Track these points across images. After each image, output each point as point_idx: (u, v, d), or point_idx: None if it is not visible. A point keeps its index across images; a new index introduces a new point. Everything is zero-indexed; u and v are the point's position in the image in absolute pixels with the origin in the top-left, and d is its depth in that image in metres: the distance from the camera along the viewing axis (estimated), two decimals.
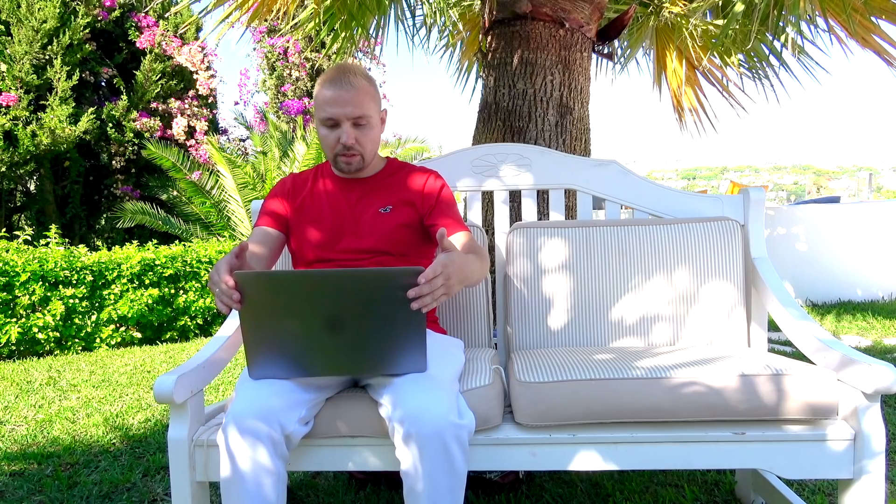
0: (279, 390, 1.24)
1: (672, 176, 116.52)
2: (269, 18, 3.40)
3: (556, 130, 2.32)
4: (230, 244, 5.45)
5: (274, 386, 1.24)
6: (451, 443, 1.19)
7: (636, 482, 1.87)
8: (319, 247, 1.53)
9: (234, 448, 1.19)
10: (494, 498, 1.78)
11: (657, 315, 1.68)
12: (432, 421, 1.18)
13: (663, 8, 3.36)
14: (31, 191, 7.91)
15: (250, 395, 1.22)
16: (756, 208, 1.72)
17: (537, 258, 1.74)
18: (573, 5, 2.34)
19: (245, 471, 1.18)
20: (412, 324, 1.18)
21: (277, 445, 1.20)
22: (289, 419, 1.22)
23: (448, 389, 1.25)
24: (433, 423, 1.18)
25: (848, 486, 1.25)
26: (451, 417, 1.20)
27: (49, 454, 2.24)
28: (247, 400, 1.21)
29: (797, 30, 2.87)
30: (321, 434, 1.31)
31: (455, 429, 1.20)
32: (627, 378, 1.29)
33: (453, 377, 1.32)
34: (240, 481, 1.18)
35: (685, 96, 3.96)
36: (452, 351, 1.45)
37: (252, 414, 1.19)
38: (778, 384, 1.26)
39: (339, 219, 1.53)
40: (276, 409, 1.20)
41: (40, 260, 4.34)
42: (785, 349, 3.52)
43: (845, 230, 5.44)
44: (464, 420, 1.23)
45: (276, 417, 1.20)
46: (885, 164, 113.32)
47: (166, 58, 7.95)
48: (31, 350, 4.32)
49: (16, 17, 6.94)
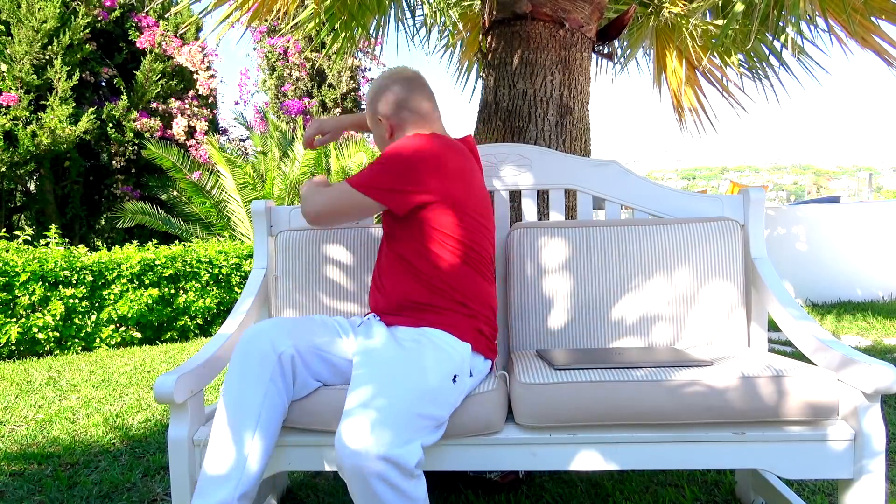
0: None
1: (672, 176, 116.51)
2: (270, 18, 3.40)
3: (556, 130, 2.32)
4: (230, 244, 5.45)
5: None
6: (373, 482, 1.12)
7: (636, 482, 1.87)
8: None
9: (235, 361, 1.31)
10: (494, 498, 1.78)
11: (657, 315, 1.68)
12: (351, 457, 1.12)
13: (663, 8, 3.36)
14: (31, 191, 7.91)
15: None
16: (756, 208, 1.72)
17: (537, 258, 1.74)
18: (573, 5, 2.35)
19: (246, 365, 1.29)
20: None
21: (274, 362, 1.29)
22: (282, 342, 1.31)
23: (387, 417, 1.16)
24: (352, 459, 1.12)
25: (848, 486, 1.25)
26: (375, 452, 1.12)
27: (49, 454, 2.24)
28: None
29: (797, 30, 2.87)
30: (319, 431, 1.31)
31: (378, 465, 1.12)
32: (628, 381, 1.29)
33: (410, 399, 1.21)
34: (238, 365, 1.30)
35: (685, 96, 3.96)
36: (427, 364, 1.29)
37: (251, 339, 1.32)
38: (778, 385, 1.26)
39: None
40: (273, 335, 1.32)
41: (40, 260, 4.34)
42: (785, 349, 3.52)
43: (845, 230, 5.44)
44: (399, 452, 1.14)
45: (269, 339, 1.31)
46: (885, 164, 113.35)
47: (166, 58, 7.95)
48: (31, 350, 4.32)
49: (16, 17, 6.94)
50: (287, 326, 1.35)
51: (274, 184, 7.02)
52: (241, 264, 5.26)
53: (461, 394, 1.32)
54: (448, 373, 1.30)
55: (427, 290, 1.43)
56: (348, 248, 1.80)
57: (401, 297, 1.46)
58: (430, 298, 1.43)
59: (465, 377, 1.35)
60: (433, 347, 1.34)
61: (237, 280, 5.23)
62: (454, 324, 1.41)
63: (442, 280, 1.43)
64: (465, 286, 1.44)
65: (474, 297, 1.46)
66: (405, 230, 1.46)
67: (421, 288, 1.44)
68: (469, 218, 1.45)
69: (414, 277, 1.45)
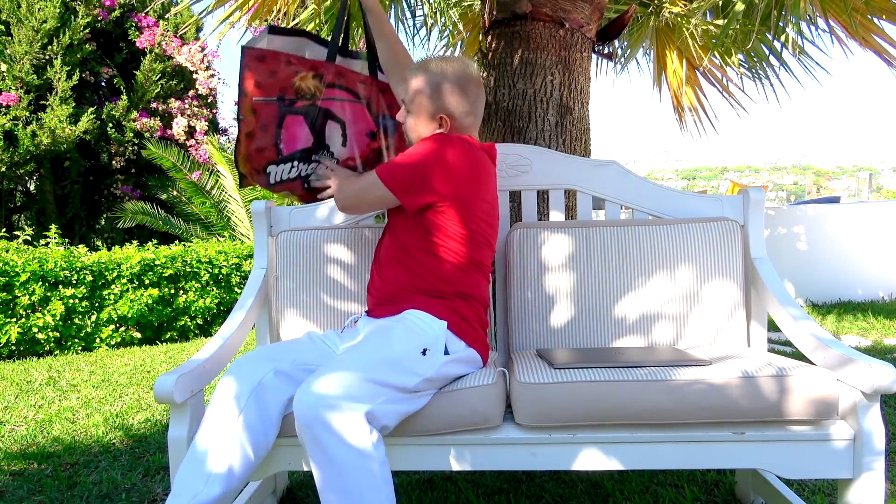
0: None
1: (672, 176, 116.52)
2: (270, 19, 3.40)
3: (556, 130, 2.32)
4: (230, 244, 5.45)
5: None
6: (318, 429, 1.14)
7: (636, 482, 1.87)
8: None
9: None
10: (494, 498, 1.78)
11: (657, 315, 1.68)
12: (300, 406, 1.16)
13: (663, 8, 3.36)
14: (31, 191, 7.91)
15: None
16: (756, 208, 1.72)
17: (537, 258, 1.74)
18: (573, 5, 2.35)
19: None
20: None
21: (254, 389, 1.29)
22: (265, 369, 1.31)
23: (342, 378, 1.18)
24: (301, 408, 1.16)
25: (848, 485, 1.26)
26: (326, 400, 1.14)
27: (49, 454, 2.24)
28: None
29: (797, 30, 2.87)
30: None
31: (321, 406, 1.13)
32: (628, 381, 1.29)
33: (367, 365, 1.23)
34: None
35: (685, 96, 3.96)
36: (393, 336, 1.33)
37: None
38: (779, 384, 1.26)
39: None
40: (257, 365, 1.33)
41: (40, 260, 4.34)
42: (785, 349, 3.52)
43: (845, 230, 5.45)
44: (345, 403, 1.15)
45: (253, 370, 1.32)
46: (885, 164, 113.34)
47: (166, 58, 7.95)
48: (31, 350, 4.32)
49: (16, 17, 6.94)
50: (268, 352, 1.38)
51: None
52: (241, 264, 5.26)
53: (436, 368, 1.33)
54: (416, 345, 1.33)
55: (420, 282, 1.48)
56: (348, 248, 1.80)
57: (395, 286, 1.50)
58: (420, 289, 1.48)
59: (438, 353, 1.36)
60: (404, 324, 1.39)
61: (237, 280, 5.23)
62: (432, 304, 1.45)
63: (436, 275, 1.47)
64: (459, 281, 1.48)
65: (466, 289, 1.49)
66: (412, 225, 1.50)
67: (416, 280, 1.48)
68: (474, 220, 1.49)
69: (410, 270, 1.49)
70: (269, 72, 1.60)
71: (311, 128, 1.70)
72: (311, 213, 1.89)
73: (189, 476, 1.22)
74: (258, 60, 1.59)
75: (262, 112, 1.62)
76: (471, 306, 1.49)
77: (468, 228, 1.47)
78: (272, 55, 1.60)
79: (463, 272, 1.48)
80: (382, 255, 1.57)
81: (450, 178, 1.44)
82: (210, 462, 1.22)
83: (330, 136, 1.74)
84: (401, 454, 1.32)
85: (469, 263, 1.49)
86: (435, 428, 1.31)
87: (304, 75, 1.65)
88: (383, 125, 1.83)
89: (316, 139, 1.71)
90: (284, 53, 1.62)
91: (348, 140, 1.77)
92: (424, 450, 1.32)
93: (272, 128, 1.65)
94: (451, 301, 1.47)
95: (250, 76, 1.58)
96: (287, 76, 1.63)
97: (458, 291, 1.48)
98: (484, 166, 1.51)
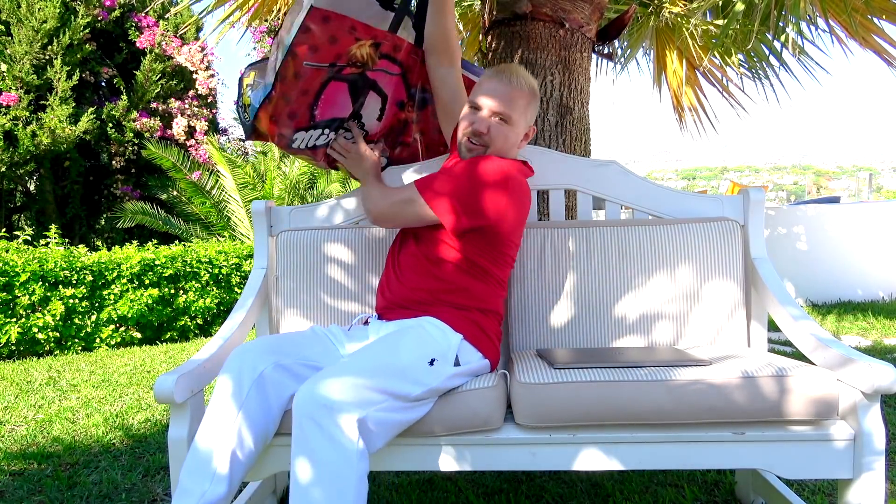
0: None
1: (672, 176, 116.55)
2: (270, 18, 3.40)
3: (556, 130, 2.32)
4: (230, 244, 5.45)
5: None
6: (305, 422, 1.14)
7: (636, 482, 1.87)
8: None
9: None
10: (494, 498, 1.78)
11: (658, 316, 1.68)
12: (300, 405, 1.16)
13: (663, 8, 3.36)
14: (31, 191, 7.91)
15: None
16: (756, 208, 1.72)
17: (537, 258, 1.74)
18: (573, 5, 2.35)
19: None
20: None
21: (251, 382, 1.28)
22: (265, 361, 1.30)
23: (347, 377, 1.18)
24: (300, 407, 1.16)
25: (848, 485, 1.25)
26: (321, 398, 1.14)
27: (49, 454, 2.24)
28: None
29: (797, 30, 2.87)
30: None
31: (316, 406, 1.14)
32: (628, 381, 1.29)
33: (370, 371, 1.23)
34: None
35: (685, 96, 3.96)
36: (402, 344, 1.32)
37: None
38: (779, 384, 1.26)
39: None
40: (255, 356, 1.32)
41: (40, 260, 4.34)
42: (785, 349, 3.52)
43: (845, 230, 5.45)
44: (340, 404, 1.14)
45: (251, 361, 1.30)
46: (885, 164, 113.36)
47: (166, 58, 7.95)
48: (31, 350, 4.32)
49: (16, 17, 6.94)
50: (271, 344, 1.36)
51: (274, 184, 7.02)
52: (241, 264, 5.26)
53: (441, 379, 1.31)
54: (424, 355, 1.32)
55: (446, 295, 1.49)
56: (349, 248, 1.80)
57: (419, 294, 1.50)
58: (444, 301, 1.49)
59: (447, 364, 1.35)
60: (417, 332, 1.39)
61: (237, 280, 5.23)
62: (453, 316, 1.46)
63: (464, 290, 1.49)
64: (484, 297, 1.51)
65: (488, 305, 1.52)
66: (445, 239, 1.51)
67: (442, 293, 1.49)
68: (508, 245, 1.52)
69: (439, 281, 1.50)
70: (330, 36, 1.50)
71: (352, 98, 1.62)
72: (311, 212, 1.89)
73: (195, 473, 1.22)
74: (322, 22, 1.48)
75: (307, 76, 1.54)
76: (489, 319, 1.52)
77: (501, 252, 1.51)
78: (338, 18, 1.49)
79: (489, 289, 1.52)
80: (405, 260, 1.55)
81: (503, 215, 1.46)
82: (215, 459, 1.22)
83: (368, 107, 1.68)
84: (401, 454, 1.32)
85: (495, 281, 1.53)
86: (435, 430, 1.31)
87: (363, 43, 1.55)
88: (418, 98, 1.77)
89: (354, 110, 1.66)
90: (350, 18, 1.51)
91: (385, 115, 1.72)
92: (424, 450, 1.32)
93: (312, 94, 1.57)
94: (471, 313, 1.49)
95: (308, 39, 1.48)
96: (346, 44, 1.53)
97: (480, 307, 1.51)
98: (530, 197, 1.56)
